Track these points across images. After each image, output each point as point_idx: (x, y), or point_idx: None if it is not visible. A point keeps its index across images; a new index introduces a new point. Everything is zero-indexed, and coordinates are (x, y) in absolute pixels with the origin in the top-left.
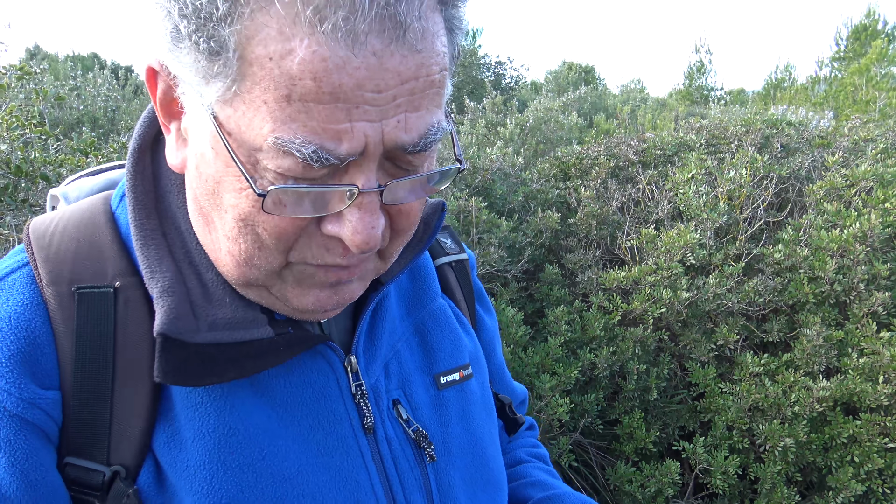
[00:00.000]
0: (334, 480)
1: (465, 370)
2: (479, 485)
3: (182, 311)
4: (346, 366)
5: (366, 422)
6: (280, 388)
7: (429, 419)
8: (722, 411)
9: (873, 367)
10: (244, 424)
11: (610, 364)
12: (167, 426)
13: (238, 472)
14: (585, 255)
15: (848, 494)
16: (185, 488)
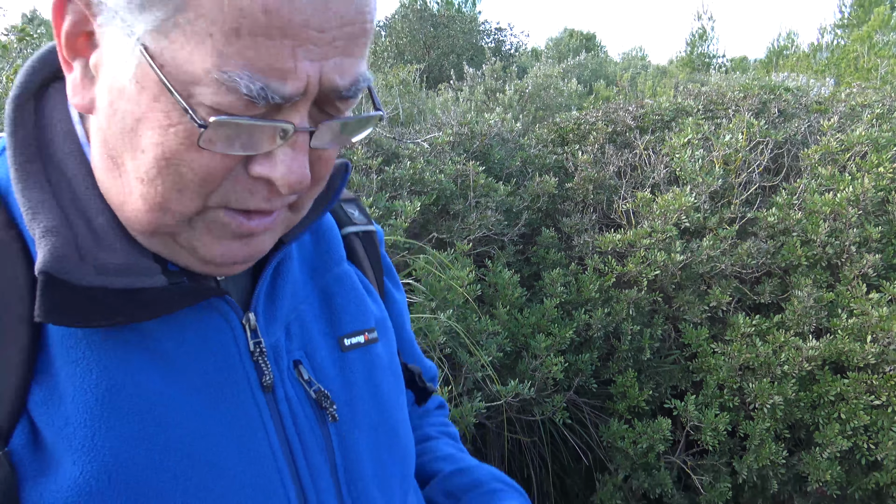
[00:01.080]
0: (228, 434)
1: (371, 333)
2: (385, 448)
3: (67, 251)
4: (245, 323)
5: (264, 380)
6: (172, 343)
7: (332, 380)
8: (713, 371)
9: (862, 328)
10: (132, 381)
11: (604, 325)
12: (45, 384)
13: (121, 428)
14: (582, 219)
15: (834, 450)
16: (63, 448)
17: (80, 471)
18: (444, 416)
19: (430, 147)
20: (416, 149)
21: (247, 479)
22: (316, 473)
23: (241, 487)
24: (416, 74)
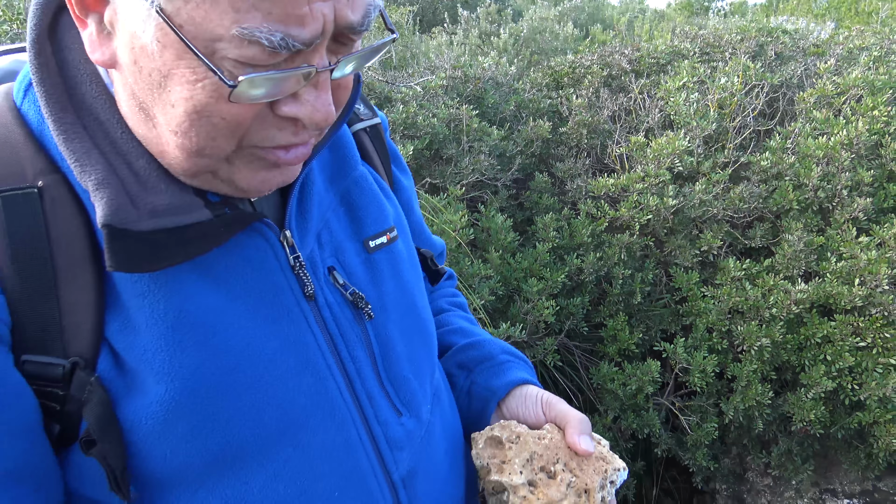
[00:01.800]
0: (284, 345)
1: (391, 233)
2: (415, 335)
3: (121, 201)
4: (282, 240)
5: (306, 290)
6: (222, 268)
7: (363, 281)
8: (703, 314)
9: (850, 271)
10: (193, 306)
11: (596, 269)
12: (117, 315)
13: (194, 351)
14: (575, 164)
15: (818, 391)
16: (146, 371)
17: (164, 389)
18: (453, 287)
19: (422, 91)
20: (409, 92)
21: (304, 380)
22: (359, 364)
23: (299, 387)
24: (408, 17)
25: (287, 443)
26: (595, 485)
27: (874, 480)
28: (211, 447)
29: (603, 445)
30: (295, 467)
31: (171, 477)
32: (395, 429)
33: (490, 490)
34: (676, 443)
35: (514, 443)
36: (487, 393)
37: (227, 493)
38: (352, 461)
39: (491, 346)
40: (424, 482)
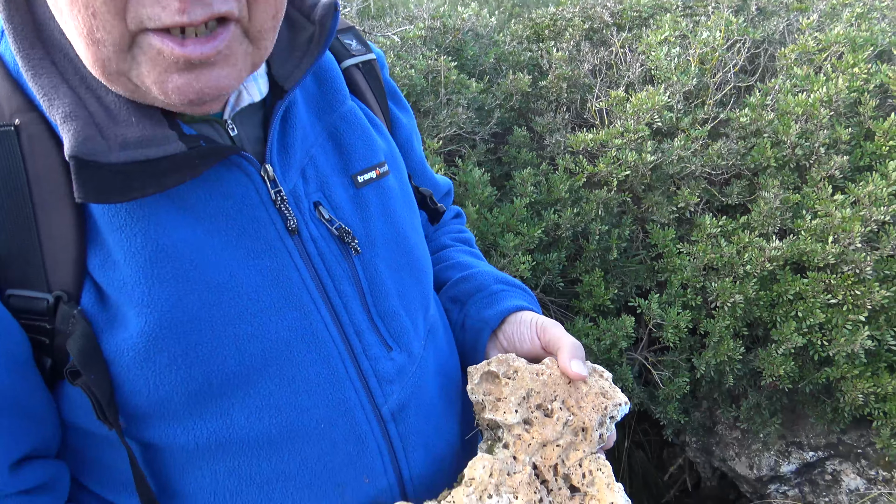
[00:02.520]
0: (267, 280)
1: (381, 168)
2: (405, 270)
3: (89, 133)
4: (263, 174)
5: (289, 224)
6: (201, 203)
7: (350, 216)
8: (678, 270)
9: (825, 229)
10: (171, 240)
11: (573, 225)
12: (98, 250)
13: (173, 284)
14: (554, 119)
15: (789, 346)
16: (127, 304)
17: (144, 321)
18: (461, 224)
19: (400, 41)
20: (386, 42)
21: (287, 315)
22: (346, 299)
23: (282, 321)
24: None
25: (271, 376)
26: (593, 423)
27: (839, 434)
28: (193, 379)
29: (605, 378)
30: (279, 400)
31: (156, 409)
32: (384, 363)
33: (485, 426)
34: (648, 397)
35: (510, 378)
36: (480, 324)
37: (213, 426)
38: (338, 395)
39: (484, 276)
40: (416, 418)
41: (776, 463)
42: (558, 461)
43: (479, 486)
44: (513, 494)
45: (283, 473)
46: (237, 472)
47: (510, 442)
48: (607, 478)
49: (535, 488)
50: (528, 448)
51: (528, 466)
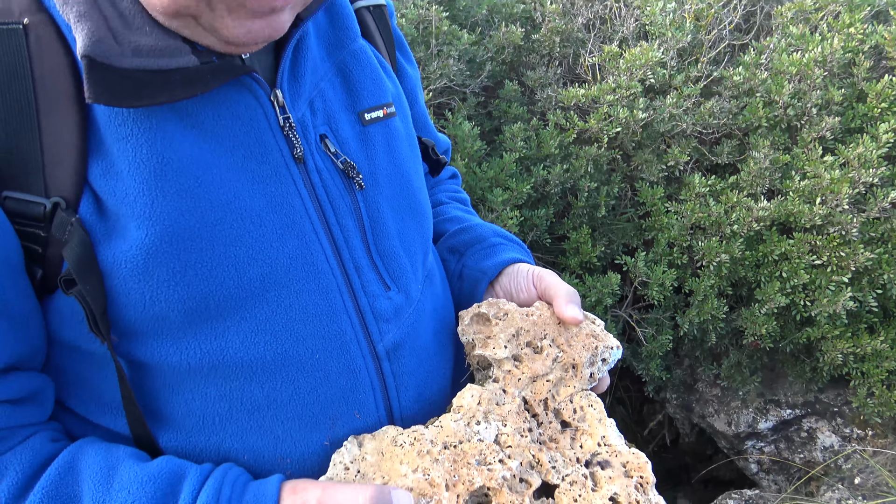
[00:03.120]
0: (270, 205)
1: (388, 108)
2: (407, 212)
3: (103, 34)
4: (273, 99)
5: (295, 152)
6: (209, 120)
7: (356, 152)
8: (665, 229)
9: (813, 190)
10: (177, 154)
11: (562, 181)
12: (100, 159)
13: (176, 198)
14: (546, 73)
15: (772, 306)
16: (128, 215)
17: (144, 233)
18: (457, 185)
19: None
20: None
21: (288, 242)
22: (347, 234)
23: (283, 248)
24: None
25: (268, 301)
26: (583, 360)
27: (816, 392)
28: (191, 297)
29: (597, 324)
30: (275, 327)
31: (151, 325)
32: (382, 301)
33: (476, 366)
34: (631, 354)
35: (500, 319)
36: (478, 274)
37: (207, 347)
38: (335, 327)
39: (482, 229)
40: (410, 358)
41: (754, 420)
42: (548, 396)
43: (467, 413)
44: (501, 422)
45: (274, 401)
46: (228, 397)
47: (500, 377)
48: (599, 413)
49: (525, 418)
50: (518, 382)
51: (517, 399)
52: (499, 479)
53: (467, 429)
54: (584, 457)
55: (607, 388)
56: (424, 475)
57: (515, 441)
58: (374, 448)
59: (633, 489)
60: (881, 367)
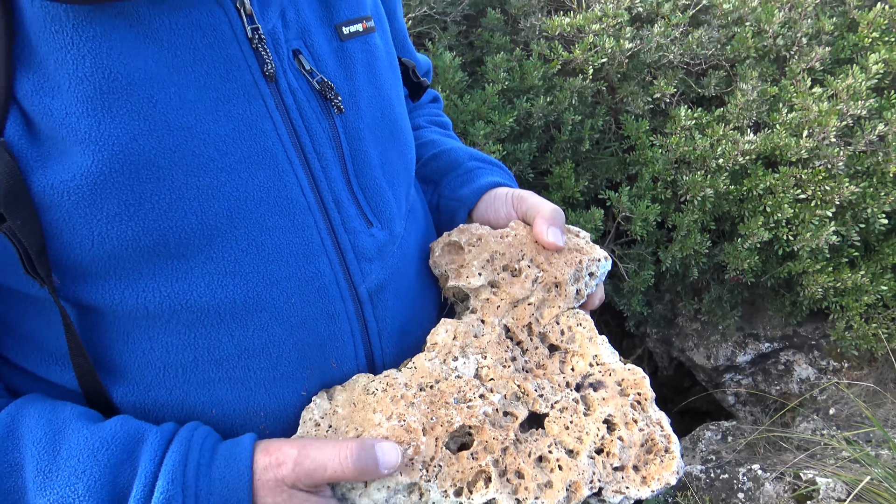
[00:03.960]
0: (237, 130)
1: (368, 21)
2: (389, 140)
3: None
4: (239, 7)
5: (266, 69)
6: (164, 29)
7: (333, 71)
8: (650, 163)
9: (800, 123)
10: (126, 68)
11: (546, 114)
12: (31, 73)
13: (127, 119)
14: (530, 1)
15: (755, 241)
16: (69, 138)
17: (90, 160)
18: (438, 109)
19: None
20: None
21: (259, 172)
22: (326, 164)
23: (253, 178)
24: None
25: (237, 240)
26: (566, 277)
27: (795, 326)
28: (147, 233)
29: (581, 237)
30: (245, 268)
31: (102, 265)
32: (364, 239)
33: (453, 298)
34: (613, 289)
35: (473, 245)
36: (455, 204)
37: (167, 290)
38: (312, 268)
39: (457, 153)
40: (394, 300)
41: (732, 353)
42: (532, 320)
43: (442, 350)
44: (480, 355)
45: (245, 350)
46: (193, 346)
47: (477, 307)
48: (589, 332)
49: (507, 347)
50: (497, 310)
51: (497, 328)
52: (479, 416)
53: (443, 366)
54: (575, 380)
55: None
56: (399, 421)
57: (497, 373)
58: (346, 399)
59: (629, 408)
60: (860, 300)
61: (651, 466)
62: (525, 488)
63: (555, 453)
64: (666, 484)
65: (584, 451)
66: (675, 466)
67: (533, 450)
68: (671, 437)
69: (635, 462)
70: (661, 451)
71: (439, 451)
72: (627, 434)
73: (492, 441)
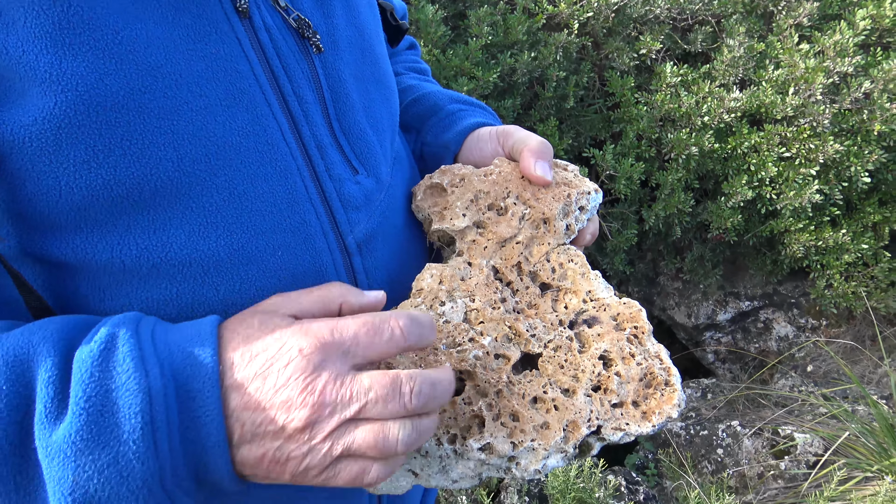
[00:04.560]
0: (211, 70)
1: None
2: (371, 82)
3: None
4: None
5: (239, 3)
6: None
7: (309, 8)
8: (634, 121)
9: (786, 80)
10: (87, 2)
11: (530, 70)
12: None
13: (91, 58)
14: None
15: (738, 200)
16: (27, 78)
17: (53, 101)
18: (416, 55)
19: None
20: None
21: (237, 115)
22: (306, 106)
23: (231, 122)
24: None
25: (217, 188)
26: (555, 213)
27: (775, 284)
28: (119, 182)
29: (569, 171)
30: (228, 218)
31: (71, 217)
32: (350, 186)
33: (438, 243)
34: (596, 248)
35: (457, 186)
36: (439, 150)
37: (145, 243)
38: (297, 218)
39: (437, 96)
40: (384, 251)
41: (713, 312)
42: (521, 259)
43: (428, 296)
44: (469, 298)
45: (232, 304)
46: (175, 302)
47: (464, 249)
48: (581, 267)
49: (496, 289)
50: (485, 251)
51: (485, 269)
52: (470, 361)
53: (431, 313)
54: (569, 317)
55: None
56: None
57: (487, 315)
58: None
59: (625, 343)
60: (841, 259)
61: (651, 401)
62: (521, 431)
63: (550, 393)
64: (668, 418)
65: (580, 390)
66: (676, 399)
67: (527, 391)
68: (671, 369)
69: (634, 397)
70: (660, 384)
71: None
72: (625, 369)
73: (484, 385)
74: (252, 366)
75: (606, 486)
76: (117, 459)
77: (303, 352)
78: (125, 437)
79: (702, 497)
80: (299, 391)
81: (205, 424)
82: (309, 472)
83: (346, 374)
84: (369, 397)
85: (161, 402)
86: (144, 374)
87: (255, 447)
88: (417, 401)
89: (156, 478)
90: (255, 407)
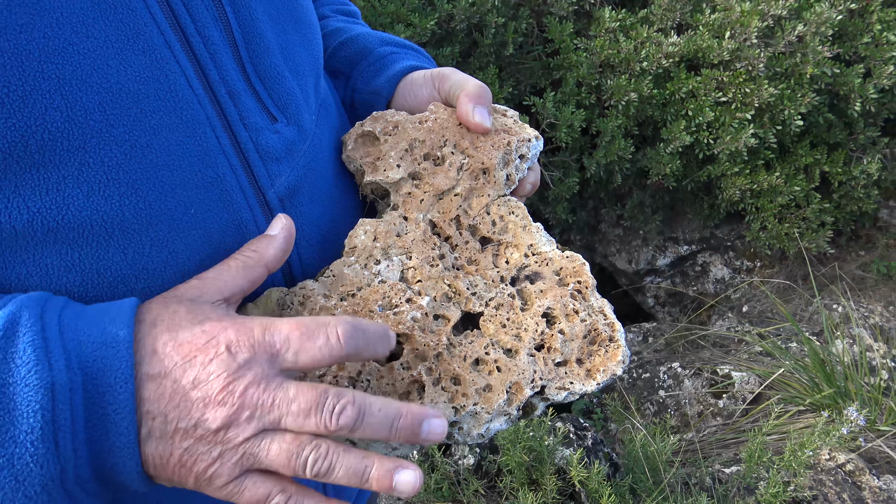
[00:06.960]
0: (98, 7)
1: None
2: (289, 21)
3: None
4: None
5: None
6: None
7: None
8: (574, 67)
9: (722, 24)
10: None
11: (468, 16)
12: None
13: None
14: None
15: (677, 145)
16: None
17: None
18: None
19: None
20: None
21: (132, 59)
22: (214, 48)
23: (127, 66)
24: None
25: (117, 142)
26: (494, 162)
27: (713, 228)
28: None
29: (509, 116)
30: (132, 175)
31: None
32: (267, 136)
33: (371, 196)
34: (539, 198)
35: (390, 134)
36: (371, 97)
37: (37, 204)
38: (209, 172)
39: (367, 38)
40: (311, 206)
41: (653, 257)
42: (460, 212)
43: (362, 253)
44: (405, 255)
45: (143, 269)
46: (78, 267)
47: (399, 202)
48: (522, 220)
49: (434, 244)
50: (421, 205)
51: (422, 224)
52: (408, 323)
53: (365, 272)
54: (510, 273)
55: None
56: None
57: (425, 274)
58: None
59: (569, 299)
60: (775, 201)
61: (595, 358)
62: (463, 395)
63: (492, 354)
64: (612, 375)
65: (523, 350)
66: (620, 356)
67: (469, 353)
68: (615, 324)
69: (578, 355)
70: (605, 340)
71: (366, 364)
72: (569, 326)
73: (423, 348)
74: (173, 357)
75: (556, 433)
76: (12, 462)
77: (230, 348)
78: (22, 437)
79: (647, 439)
80: (219, 389)
81: (115, 423)
82: (214, 481)
83: (272, 379)
84: (291, 408)
85: (65, 398)
86: (48, 367)
87: (163, 445)
88: (338, 421)
89: (56, 481)
90: (170, 400)
